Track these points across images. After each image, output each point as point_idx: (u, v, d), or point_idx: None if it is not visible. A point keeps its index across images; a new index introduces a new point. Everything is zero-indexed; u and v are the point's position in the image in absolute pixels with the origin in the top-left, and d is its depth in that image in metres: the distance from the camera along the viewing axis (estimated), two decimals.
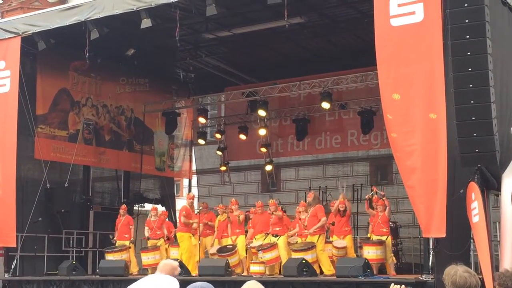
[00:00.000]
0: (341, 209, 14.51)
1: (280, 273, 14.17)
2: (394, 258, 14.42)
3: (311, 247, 13.89)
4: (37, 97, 16.99)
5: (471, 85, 10.05)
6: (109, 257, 16.02)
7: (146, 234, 16.18)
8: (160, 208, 18.93)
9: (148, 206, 20.67)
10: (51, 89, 17.62)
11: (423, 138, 10.65)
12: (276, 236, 14.56)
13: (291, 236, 15.10)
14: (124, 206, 17.08)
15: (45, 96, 17.38)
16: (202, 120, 20.99)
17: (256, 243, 14.75)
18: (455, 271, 4.06)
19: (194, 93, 21.20)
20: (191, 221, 15.53)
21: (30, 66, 16.65)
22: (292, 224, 15.38)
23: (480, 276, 8.88)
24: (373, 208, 14.60)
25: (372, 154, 20.24)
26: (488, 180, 10.36)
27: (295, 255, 13.89)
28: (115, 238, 16.49)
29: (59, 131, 17.82)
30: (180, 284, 3.03)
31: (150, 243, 16.10)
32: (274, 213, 14.68)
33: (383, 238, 13.89)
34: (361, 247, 14.95)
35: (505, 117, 10.54)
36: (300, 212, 14.77)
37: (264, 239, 14.74)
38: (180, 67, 20.32)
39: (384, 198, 14.37)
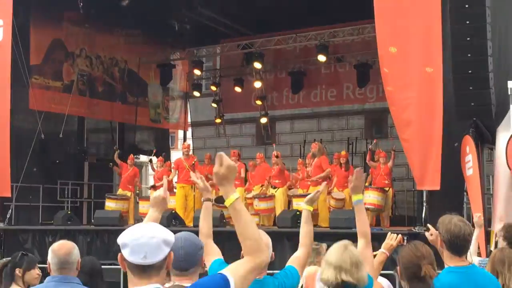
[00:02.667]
0: (342, 162, 14.59)
1: (274, 225, 14.29)
2: (390, 211, 14.54)
3: None
4: (31, 47, 16.78)
5: (468, 38, 10.00)
6: (110, 203, 16.07)
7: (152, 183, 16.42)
8: (154, 160, 18.98)
9: (142, 158, 20.70)
10: (45, 39, 17.44)
11: (419, 91, 10.64)
12: (275, 188, 14.65)
13: (291, 189, 15.20)
14: (131, 156, 17.03)
15: (39, 47, 17.20)
16: (197, 72, 20.88)
17: (252, 193, 14.86)
18: (449, 220, 4.10)
19: (189, 45, 21.02)
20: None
21: (23, 15, 16.39)
22: (294, 177, 15.46)
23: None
24: (374, 160, 14.63)
25: (368, 107, 20.25)
26: (482, 134, 10.41)
27: (296, 201, 14.03)
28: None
29: (54, 82, 17.71)
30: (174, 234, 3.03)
31: (152, 192, 16.24)
32: (276, 163, 14.74)
33: (385, 189, 13.98)
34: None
35: (502, 71, 10.50)
36: (303, 163, 14.83)
37: (262, 190, 14.85)
38: (175, 19, 20.09)
39: (392, 151, 14.37)
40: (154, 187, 16.20)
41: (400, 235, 4.82)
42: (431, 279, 3.53)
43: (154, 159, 17.78)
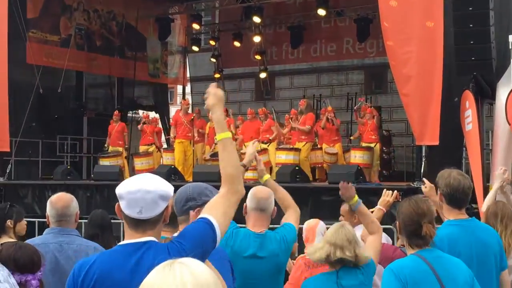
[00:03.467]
0: (329, 117, 14.62)
1: None
2: (379, 167, 14.60)
3: (295, 149, 14.13)
4: (27, 1, 16.60)
5: None
6: (103, 162, 16.13)
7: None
8: (154, 115, 18.96)
9: (141, 113, 20.68)
10: None
11: (420, 45, 10.54)
12: (266, 143, 14.69)
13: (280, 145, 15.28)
14: (116, 112, 17.03)
15: (36, 0, 17.01)
16: (196, 26, 20.67)
17: (245, 149, 14.88)
18: (449, 174, 4.11)
19: None
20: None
21: None
22: (281, 133, 15.50)
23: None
24: (360, 117, 14.67)
25: (367, 62, 20.13)
26: (482, 89, 10.36)
27: (279, 154, 14.19)
28: (106, 145, 16.67)
29: (51, 36, 17.55)
30: (175, 189, 3.01)
31: (142, 149, 16.25)
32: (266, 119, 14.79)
33: (372, 145, 14.03)
34: (348, 151, 15.02)
35: (504, 25, 10.40)
36: (290, 119, 14.87)
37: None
38: None
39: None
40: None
41: (396, 191, 4.85)
42: (431, 238, 3.52)
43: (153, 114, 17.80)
